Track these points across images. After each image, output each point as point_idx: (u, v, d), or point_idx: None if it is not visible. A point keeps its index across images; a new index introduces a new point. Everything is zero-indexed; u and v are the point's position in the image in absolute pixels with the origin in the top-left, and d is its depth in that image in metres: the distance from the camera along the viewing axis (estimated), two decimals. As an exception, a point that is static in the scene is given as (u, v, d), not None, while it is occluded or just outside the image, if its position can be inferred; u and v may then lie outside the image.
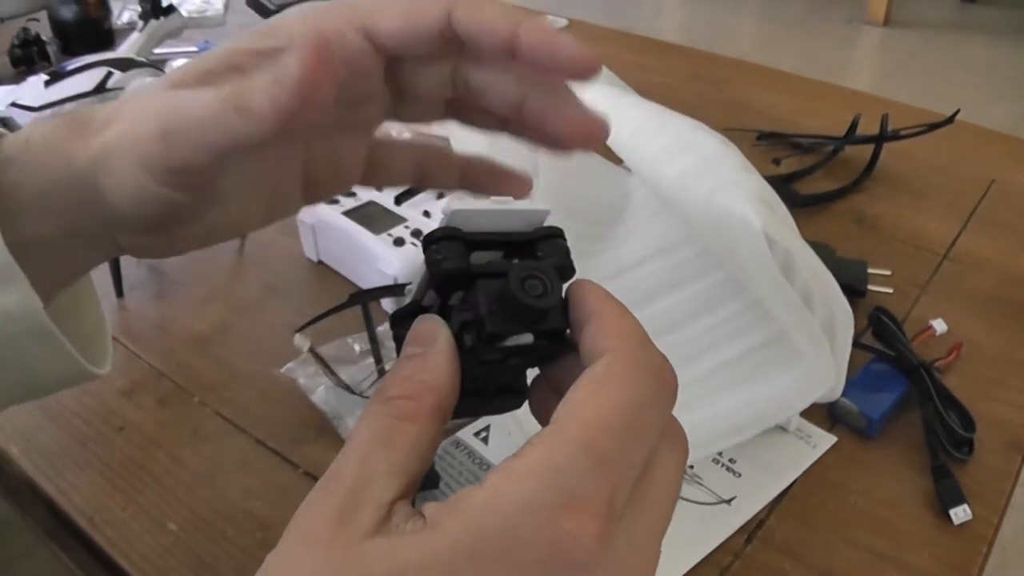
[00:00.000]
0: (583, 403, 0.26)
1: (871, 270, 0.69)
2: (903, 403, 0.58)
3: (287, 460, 0.56)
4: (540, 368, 0.32)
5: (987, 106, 2.42)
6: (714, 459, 0.55)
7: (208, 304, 0.70)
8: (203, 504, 0.53)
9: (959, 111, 0.85)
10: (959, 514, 0.51)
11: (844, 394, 0.55)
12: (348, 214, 0.70)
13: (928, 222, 0.78)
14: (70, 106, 0.70)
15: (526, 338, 0.29)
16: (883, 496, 0.53)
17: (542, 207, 0.31)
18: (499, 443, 0.55)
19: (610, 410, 0.26)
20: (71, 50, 1.08)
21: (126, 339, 0.67)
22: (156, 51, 1.07)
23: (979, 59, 2.93)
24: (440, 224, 0.30)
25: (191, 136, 0.32)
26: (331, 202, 0.72)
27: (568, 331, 0.30)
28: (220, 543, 0.51)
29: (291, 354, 0.62)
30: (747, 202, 0.50)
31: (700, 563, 0.49)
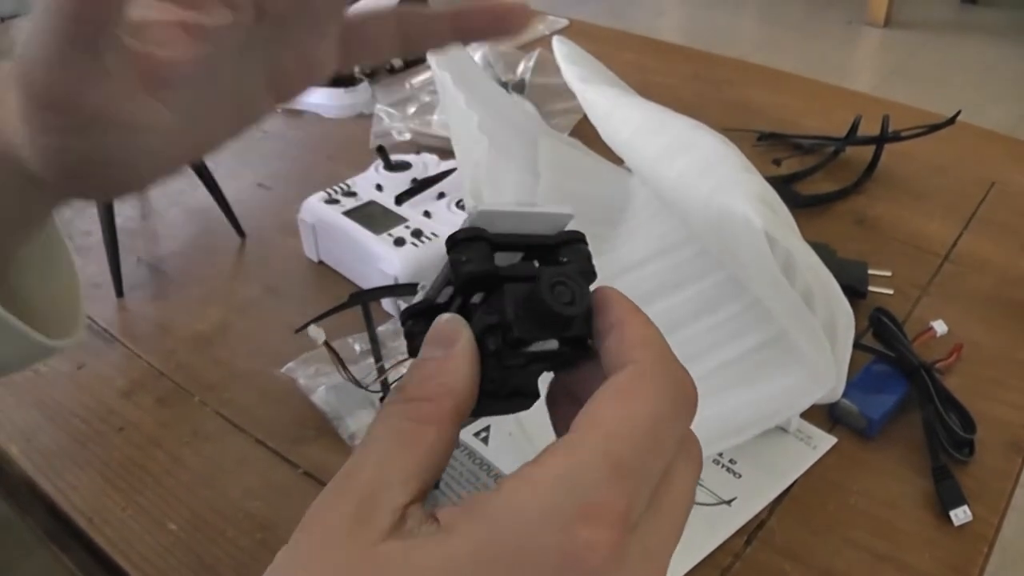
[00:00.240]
0: (604, 413, 0.26)
1: (872, 271, 0.69)
2: (903, 404, 0.58)
3: (287, 460, 0.56)
4: (556, 373, 0.32)
5: (988, 107, 2.43)
6: (714, 460, 0.55)
7: (208, 304, 0.70)
8: (203, 504, 0.53)
9: (960, 112, 0.85)
10: (959, 515, 0.51)
11: (844, 395, 0.55)
12: (348, 214, 0.70)
13: (929, 223, 0.78)
14: None
15: (551, 344, 0.29)
16: (883, 497, 0.53)
17: (566, 211, 0.31)
18: (499, 443, 0.55)
19: (631, 421, 0.26)
20: (72, 50, 1.08)
21: (126, 339, 0.67)
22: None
23: (979, 60, 2.93)
24: (464, 224, 0.30)
25: (35, 46, 0.27)
26: (331, 202, 0.72)
27: (590, 338, 0.30)
28: (220, 543, 0.51)
29: (291, 354, 0.62)
30: (748, 202, 0.50)
31: (700, 564, 0.49)
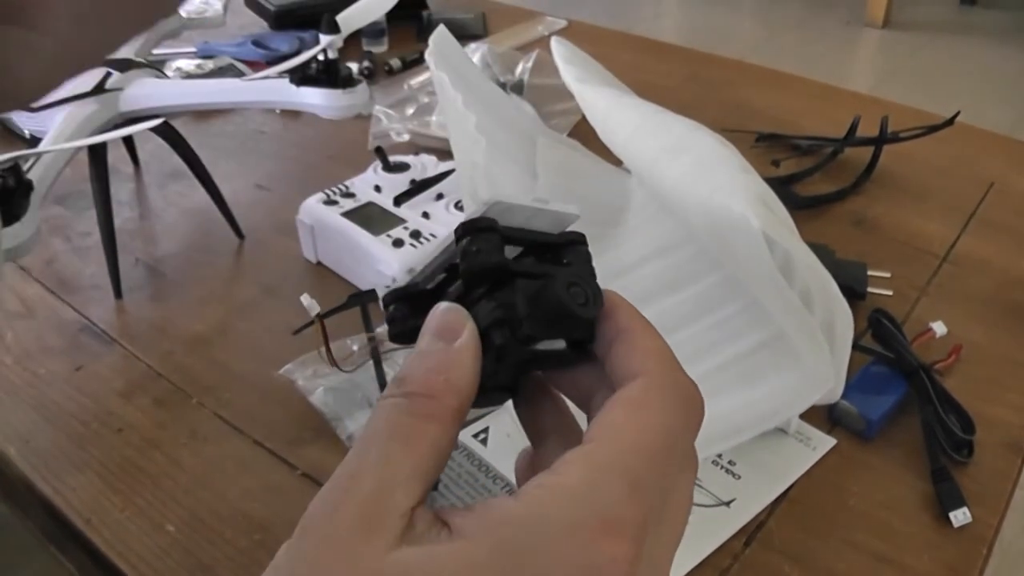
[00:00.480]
0: (621, 427, 0.26)
1: (871, 272, 0.69)
2: (903, 405, 0.58)
3: (285, 461, 0.56)
4: (546, 370, 0.32)
5: (987, 108, 2.43)
6: (713, 461, 0.55)
7: (206, 305, 0.70)
8: (201, 505, 0.53)
9: (959, 113, 0.85)
10: (959, 517, 0.51)
11: (844, 396, 0.55)
12: (347, 215, 0.70)
13: (928, 224, 0.78)
14: (69, 107, 0.70)
15: (559, 344, 0.29)
16: (883, 499, 0.53)
17: (573, 211, 0.31)
18: (498, 444, 0.55)
19: (648, 436, 0.26)
20: (70, 51, 1.08)
21: (124, 340, 0.66)
22: (155, 52, 1.07)
23: (978, 61, 2.93)
24: (477, 213, 0.29)
25: None
26: (329, 203, 0.72)
27: (592, 343, 0.29)
28: (218, 544, 0.51)
29: (290, 355, 0.62)
30: (746, 203, 0.49)
31: (699, 565, 0.49)
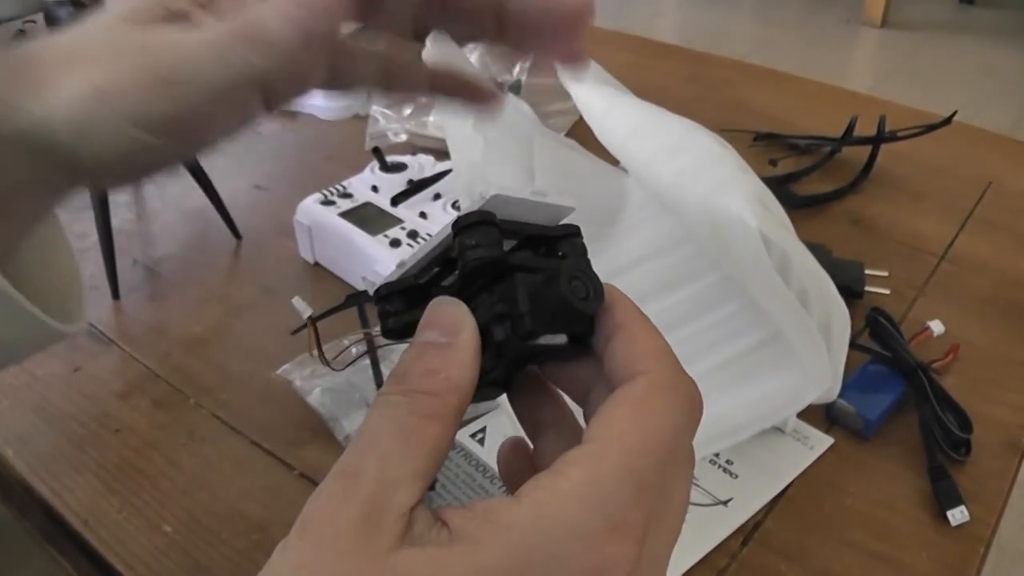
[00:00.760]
0: (624, 427, 0.26)
1: (868, 271, 0.69)
2: (900, 404, 0.58)
3: (283, 462, 0.56)
4: (542, 365, 0.32)
5: (985, 107, 2.43)
6: (711, 460, 0.55)
7: (204, 306, 0.70)
8: (198, 506, 0.53)
9: (956, 112, 0.85)
10: (956, 515, 0.51)
11: (841, 395, 0.55)
12: (344, 215, 0.70)
13: (925, 223, 0.78)
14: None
15: (560, 339, 0.29)
16: (880, 498, 0.53)
17: (568, 203, 0.31)
18: (495, 445, 0.55)
19: (651, 437, 0.26)
20: (68, 52, 1.07)
21: (122, 341, 0.66)
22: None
23: (977, 60, 2.93)
24: (474, 207, 0.29)
25: (196, 80, 0.29)
26: (327, 203, 0.72)
27: (593, 337, 0.29)
28: (215, 545, 0.51)
29: (287, 356, 0.62)
30: (744, 203, 0.50)
31: (697, 564, 0.49)
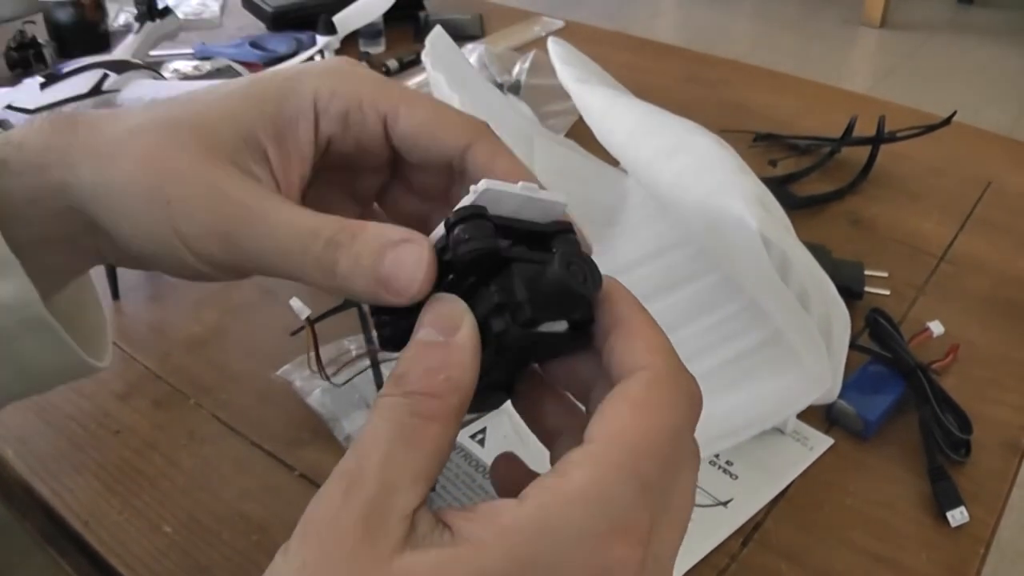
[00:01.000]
0: (626, 426, 0.26)
1: (868, 272, 0.69)
2: (900, 405, 0.58)
3: (283, 463, 0.56)
4: (543, 363, 0.32)
5: (984, 107, 2.43)
6: (711, 461, 0.55)
7: (204, 306, 0.70)
8: (199, 507, 0.53)
9: (956, 113, 0.85)
10: (956, 516, 0.51)
11: (841, 396, 0.55)
12: (344, 216, 0.70)
13: (925, 224, 0.78)
14: (69, 107, 0.70)
15: (560, 325, 0.28)
16: (880, 498, 0.53)
17: (561, 199, 0.31)
18: (495, 445, 0.55)
19: (653, 436, 0.26)
20: (67, 52, 1.08)
21: (122, 341, 0.66)
22: (152, 53, 1.07)
23: (976, 61, 2.93)
24: (467, 201, 0.29)
25: (264, 261, 0.31)
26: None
27: (593, 322, 0.29)
28: (216, 546, 0.51)
29: (287, 356, 0.62)
30: (744, 203, 0.50)
31: (697, 565, 0.49)
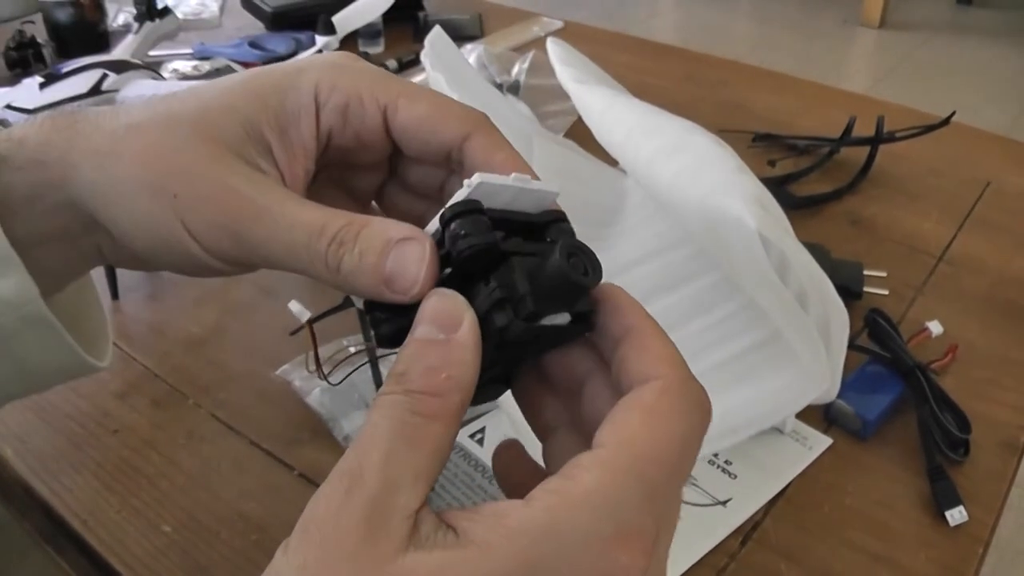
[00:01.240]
0: (636, 433, 0.26)
1: (867, 272, 0.69)
2: (899, 405, 0.58)
3: (282, 462, 0.56)
4: (542, 357, 0.31)
5: (983, 108, 2.43)
6: (710, 460, 0.55)
7: (203, 306, 0.70)
8: (197, 506, 0.53)
9: (955, 113, 0.85)
10: (955, 516, 0.51)
11: (840, 396, 0.55)
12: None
13: (924, 224, 0.78)
14: (69, 107, 0.71)
15: (563, 318, 0.28)
16: (879, 498, 0.53)
17: (552, 188, 0.31)
18: (494, 445, 0.55)
19: (663, 445, 0.26)
20: (66, 52, 1.08)
21: (121, 341, 0.66)
22: (151, 53, 1.07)
23: (975, 61, 2.94)
24: (461, 196, 0.29)
25: (271, 256, 0.31)
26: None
27: (594, 313, 0.29)
28: (214, 545, 0.51)
29: (286, 356, 0.62)
30: (742, 203, 0.50)
31: (696, 565, 0.49)
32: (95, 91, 0.74)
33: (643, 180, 0.63)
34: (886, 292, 0.68)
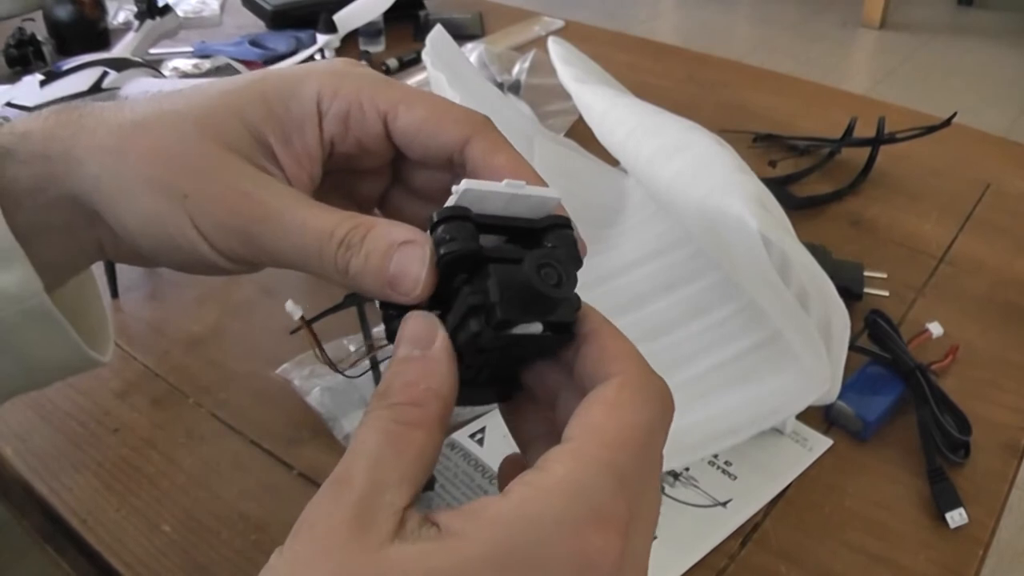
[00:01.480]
0: (601, 424, 0.27)
1: (867, 273, 0.69)
2: (899, 406, 0.58)
3: (282, 461, 0.56)
4: (536, 361, 0.32)
5: (983, 109, 2.43)
6: (710, 461, 0.55)
7: (203, 305, 0.70)
8: (197, 505, 0.53)
9: (955, 114, 0.85)
10: (955, 517, 0.51)
11: (840, 397, 0.55)
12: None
13: (924, 225, 0.78)
14: (74, 102, 0.71)
15: (535, 328, 0.29)
16: (879, 499, 0.53)
17: (553, 195, 0.31)
18: (494, 445, 0.55)
19: (627, 432, 0.27)
20: (67, 50, 1.08)
21: (121, 340, 0.66)
22: (152, 51, 1.07)
23: (975, 62, 2.93)
24: (450, 202, 0.29)
25: (281, 258, 0.32)
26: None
27: (575, 325, 0.30)
28: (214, 545, 0.51)
29: (286, 355, 0.62)
30: (743, 203, 0.50)
31: (695, 566, 0.49)
32: (95, 89, 0.73)
33: (644, 180, 0.63)
34: (886, 293, 0.68)
